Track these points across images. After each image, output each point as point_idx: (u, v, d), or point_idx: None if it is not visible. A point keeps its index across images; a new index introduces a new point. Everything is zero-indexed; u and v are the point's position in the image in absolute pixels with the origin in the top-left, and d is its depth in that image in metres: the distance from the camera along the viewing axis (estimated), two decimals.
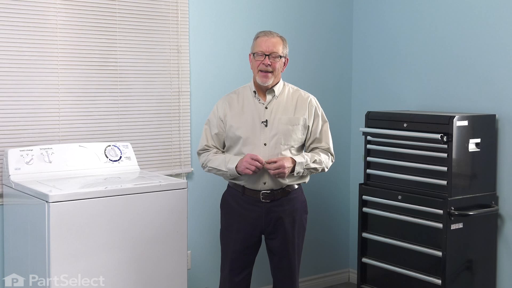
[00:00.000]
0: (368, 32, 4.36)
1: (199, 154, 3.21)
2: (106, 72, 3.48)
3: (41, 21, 3.27)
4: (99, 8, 3.43)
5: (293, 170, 3.02)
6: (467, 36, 3.74)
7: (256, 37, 3.08)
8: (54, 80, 3.32)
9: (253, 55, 3.06)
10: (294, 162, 3.02)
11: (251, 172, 2.96)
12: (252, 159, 2.96)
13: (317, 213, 4.19)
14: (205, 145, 3.18)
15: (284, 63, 3.11)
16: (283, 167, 2.96)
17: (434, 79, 3.93)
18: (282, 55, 3.05)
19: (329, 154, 3.18)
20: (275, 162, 2.97)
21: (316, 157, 3.09)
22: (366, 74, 4.39)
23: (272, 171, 2.97)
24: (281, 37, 3.08)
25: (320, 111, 3.18)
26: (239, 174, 3.02)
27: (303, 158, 3.05)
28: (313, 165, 3.08)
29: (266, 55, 3.01)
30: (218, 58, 3.88)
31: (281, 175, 2.99)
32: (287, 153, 3.06)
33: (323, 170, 3.14)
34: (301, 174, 3.07)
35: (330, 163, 3.19)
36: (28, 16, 3.23)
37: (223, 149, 3.19)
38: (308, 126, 3.13)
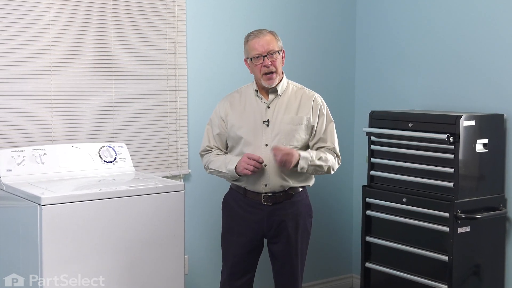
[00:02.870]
0: (372, 30, 4.35)
1: (201, 155, 3.19)
2: (100, 70, 3.45)
3: (33, 17, 3.23)
4: (93, 3, 3.40)
5: (296, 165, 2.93)
6: (474, 34, 3.72)
7: (247, 41, 3.03)
8: (46, 78, 3.29)
9: (250, 59, 3.00)
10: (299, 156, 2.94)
11: (250, 173, 2.91)
12: (249, 158, 2.91)
13: (319, 216, 4.14)
14: (207, 146, 3.15)
15: (282, 56, 3.05)
16: (292, 154, 2.86)
17: (440, 78, 3.91)
18: (278, 50, 2.99)
19: (335, 155, 3.09)
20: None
21: (322, 155, 3.01)
22: (369, 73, 4.37)
23: (279, 158, 2.86)
24: (270, 32, 3.03)
25: (326, 110, 3.11)
26: (239, 175, 2.97)
27: (308, 154, 2.96)
28: (318, 162, 2.98)
29: (263, 56, 2.95)
30: (217, 55, 3.85)
31: (287, 164, 2.88)
32: None
33: (329, 170, 3.05)
34: (304, 171, 2.97)
35: (337, 165, 3.10)
36: (20, 11, 3.20)
37: (226, 149, 3.15)
38: (313, 126, 3.06)
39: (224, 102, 3.13)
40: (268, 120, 3.01)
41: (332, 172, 3.08)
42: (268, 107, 3.04)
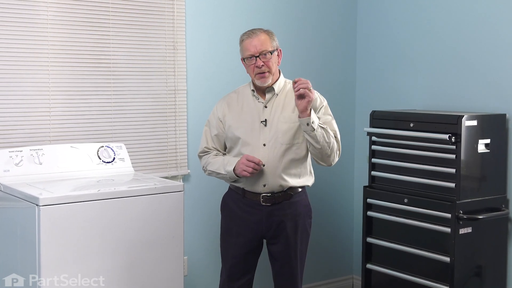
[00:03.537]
0: (373, 29, 4.33)
1: (199, 157, 3.18)
2: (99, 70, 3.43)
3: (31, 16, 3.22)
4: (92, 3, 3.39)
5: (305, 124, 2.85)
6: (474, 34, 3.70)
7: (241, 41, 3.00)
8: (44, 78, 3.28)
9: (244, 60, 2.98)
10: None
11: (248, 174, 2.90)
12: (248, 160, 2.89)
13: (319, 217, 4.13)
14: (205, 147, 3.13)
15: (278, 55, 3.02)
16: (308, 83, 2.78)
17: (442, 77, 3.89)
18: (272, 49, 2.95)
19: (336, 142, 3.00)
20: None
21: (325, 127, 2.93)
22: (370, 72, 4.36)
23: (297, 85, 2.77)
24: (265, 31, 2.99)
25: (324, 103, 3.07)
26: (238, 176, 2.96)
27: (317, 119, 2.89)
28: (323, 127, 2.89)
29: (256, 56, 2.93)
30: (216, 54, 3.83)
31: (307, 92, 2.77)
32: (289, 154, 2.98)
33: (332, 148, 2.93)
34: (315, 126, 2.84)
35: (337, 155, 3.01)
36: (17, 10, 3.18)
37: (225, 150, 3.13)
38: None
39: (222, 102, 3.11)
40: (265, 119, 2.99)
41: (335, 158, 2.99)
42: (266, 107, 3.02)
